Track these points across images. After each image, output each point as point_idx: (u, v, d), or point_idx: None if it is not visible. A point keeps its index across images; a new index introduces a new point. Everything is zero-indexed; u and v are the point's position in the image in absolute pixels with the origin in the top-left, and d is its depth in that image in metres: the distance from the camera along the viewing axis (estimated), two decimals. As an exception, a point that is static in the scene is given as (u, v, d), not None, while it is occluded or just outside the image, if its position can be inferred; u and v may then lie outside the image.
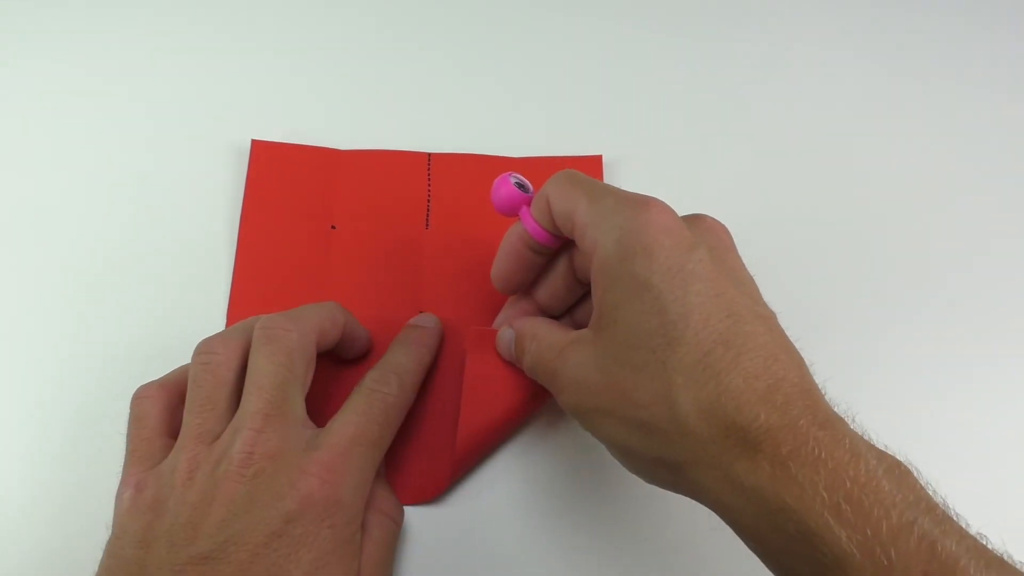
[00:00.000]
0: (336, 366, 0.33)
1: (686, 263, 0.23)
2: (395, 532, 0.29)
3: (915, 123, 0.40)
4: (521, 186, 0.29)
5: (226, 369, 0.27)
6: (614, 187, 0.26)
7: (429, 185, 0.37)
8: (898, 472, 0.21)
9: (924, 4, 0.44)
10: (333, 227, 0.36)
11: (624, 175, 0.38)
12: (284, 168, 0.37)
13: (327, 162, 0.37)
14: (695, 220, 0.26)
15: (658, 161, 0.38)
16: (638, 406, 0.24)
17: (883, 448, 0.22)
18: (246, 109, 0.39)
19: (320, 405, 0.31)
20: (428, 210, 0.36)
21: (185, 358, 0.32)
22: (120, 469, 0.27)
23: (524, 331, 0.29)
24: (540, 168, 0.37)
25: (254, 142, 0.37)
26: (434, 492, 0.31)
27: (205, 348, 0.27)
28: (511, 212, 0.29)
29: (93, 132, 0.38)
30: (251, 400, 0.26)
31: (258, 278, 0.34)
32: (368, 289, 0.35)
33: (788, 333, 0.24)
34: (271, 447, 0.25)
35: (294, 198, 0.36)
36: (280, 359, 0.26)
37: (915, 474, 0.21)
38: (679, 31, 0.42)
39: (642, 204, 0.25)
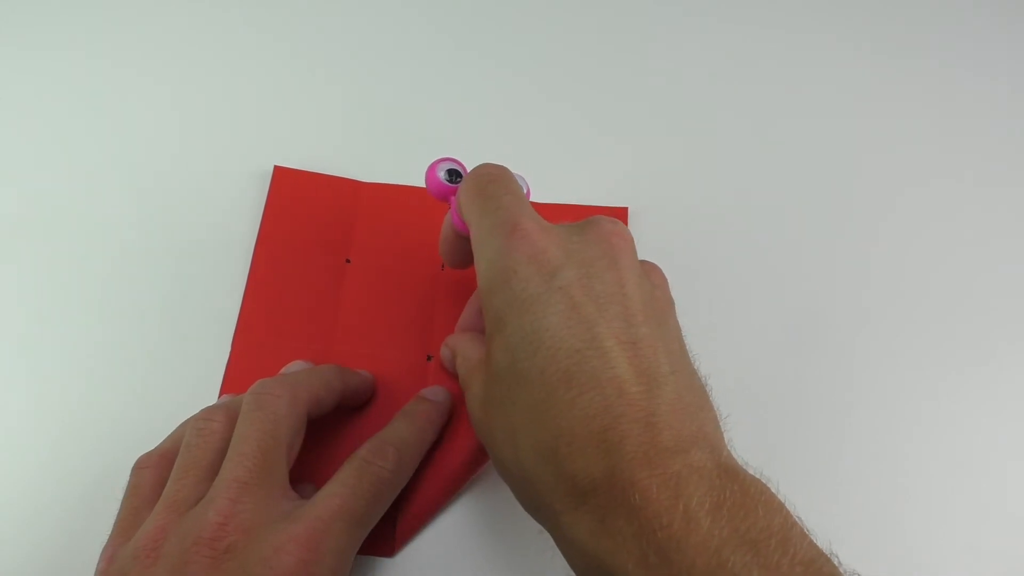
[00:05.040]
0: (333, 414, 0.31)
1: (544, 290, 0.21)
2: None
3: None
4: (454, 172, 0.28)
5: (219, 438, 0.25)
6: (508, 202, 0.24)
7: (449, 224, 0.36)
8: (731, 503, 0.18)
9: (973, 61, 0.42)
10: (348, 260, 0.35)
11: (651, 228, 0.36)
12: (304, 196, 0.36)
13: (347, 193, 0.36)
14: (581, 231, 0.24)
15: (686, 215, 0.37)
16: (495, 445, 0.23)
17: (742, 469, 0.20)
18: (273, 134, 0.38)
19: (312, 456, 0.29)
20: (446, 250, 0.35)
21: (190, 384, 0.32)
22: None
23: (454, 348, 0.28)
24: (565, 215, 0.36)
25: (276, 168, 0.36)
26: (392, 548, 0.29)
27: (204, 415, 0.26)
28: (442, 199, 0.28)
29: (118, 147, 0.37)
30: (229, 467, 0.24)
31: (267, 306, 0.33)
32: (377, 327, 0.33)
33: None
34: (245, 519, 0.22)
35: (311, 227, 0.35)
36: (265, 426, 0.24)
37: (756, 499, 0.19)
38: (715, 85, 0.41)
39: (508, 231, 0.23)
